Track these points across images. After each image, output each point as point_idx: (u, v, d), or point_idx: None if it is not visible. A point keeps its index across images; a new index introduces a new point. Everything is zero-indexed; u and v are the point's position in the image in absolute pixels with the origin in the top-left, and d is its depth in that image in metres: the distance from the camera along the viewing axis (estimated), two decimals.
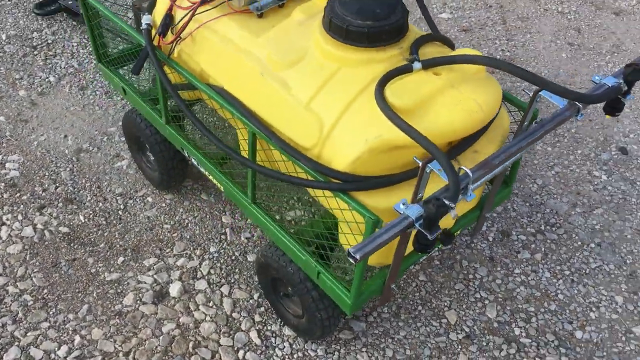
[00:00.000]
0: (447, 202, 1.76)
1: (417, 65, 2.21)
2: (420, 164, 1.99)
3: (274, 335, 2.96)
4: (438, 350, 2.91)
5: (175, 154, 3.30)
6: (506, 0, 5.25)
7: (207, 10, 2.61)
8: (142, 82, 3.38)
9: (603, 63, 4.61)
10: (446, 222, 2.05)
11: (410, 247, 2.06)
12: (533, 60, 4.63)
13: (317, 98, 2.29)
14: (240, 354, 2.87)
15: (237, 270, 3.22)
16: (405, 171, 2.21)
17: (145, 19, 2.75)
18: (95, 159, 3.77)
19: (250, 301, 3.09)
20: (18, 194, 3.53)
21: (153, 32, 2.72)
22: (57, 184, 3.60)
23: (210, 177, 2.92)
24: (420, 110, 2.12)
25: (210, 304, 3.06)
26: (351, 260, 1.71)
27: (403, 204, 1.84)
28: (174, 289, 3.11)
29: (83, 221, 3.41)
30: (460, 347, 2.93)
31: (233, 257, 3.28)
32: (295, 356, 2.88)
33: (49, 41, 4.62)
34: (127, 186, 3.62)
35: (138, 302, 3.06)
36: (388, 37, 2.28)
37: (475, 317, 3.04)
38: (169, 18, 2.71)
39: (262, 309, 3.06)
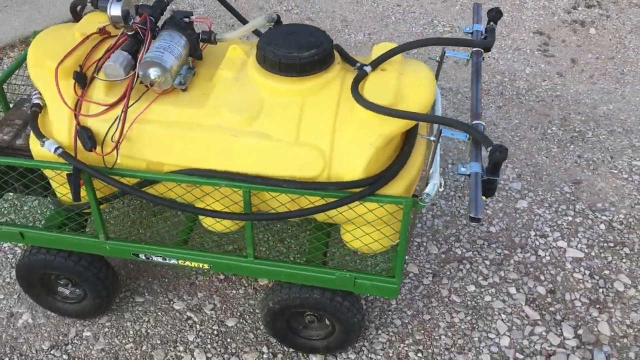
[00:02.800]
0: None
1: (368, 68, 2.53)
2: (432, 138, 2.38)
3: None
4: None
5: (108, 269, 3.04)
6: None
7: (132, 105, 2.50)
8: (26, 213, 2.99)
9: None
10: None
11: None
12: None
13: (301, 132, 2.45)
14: None
15: (228, 339, 3.16)
16: (404, 153, 2.54)
17: (48, 145, 2.49)
18: None
19: (264, 356, 3.10)
20: None
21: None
22: None
23: (187, 264, 2.82)
24: (399, 100, 2.46)
25: None
26: (474, 222, 2.04)
27: (464, 167, 2.21)
28: None
29: None
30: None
31: (215, 332, 3.19)
32: None
33: None
34: (52, 336, 3.17)
35: None
36: (329, 60, 2.54)
37: None
38: (85, 130, 2.51)
39: (280, 356, 3.10)
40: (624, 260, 3.59)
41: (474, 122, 2.35)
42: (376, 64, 2.54)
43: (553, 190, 4.04)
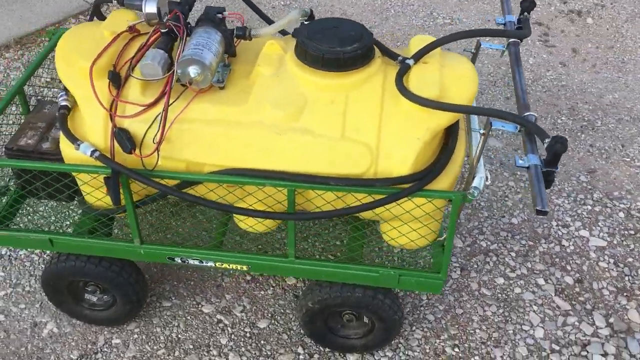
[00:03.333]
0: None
1: (410, 61, 2.49)
2: (482, 131, 2.35)
3: None
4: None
5: (138, 274, 2.96)
6: None
7: (171, 104, 2.42)
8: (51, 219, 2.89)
9: None
10: None
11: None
12: None
13: (346, 127, 2.40)
14: None
15: (261, 341, 3.10)
16: (449, 147, 2.50)
17: (83, 148, 2.39)
18: (14, 343, 3.07)
19: (301, 357, 3.04)
20: None
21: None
22: None
23: (224, 266, 2.75)
24: (443, 92, 2.42)
25: None
26: (541, 215, 2.01)
27: (521, 160, 2.18)
28: None
29: None
30: None
31: (248, 334, 3.13)
32: None
33: None
34: (80, 345, 3.07)
35: None
36: (371, 54, 2.49)
37: None
38: (123, 131, 2.42)
39: (317, 356, 3.05)
40: None
41: (525, 114, 2.33)
42: (418, 57, 2.50)
43: (569, 180, 4.05)
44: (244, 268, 2.75)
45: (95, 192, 2.65)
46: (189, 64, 2.36)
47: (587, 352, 3.10)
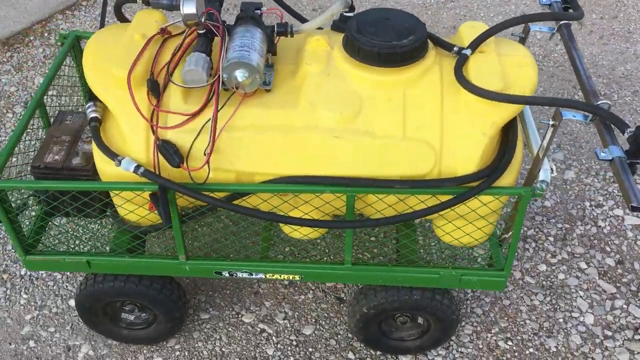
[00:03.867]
0: None
1: (467, 51, 2.35)
2: (552, 122, 2.23)
3: None
4: None
5: (179, 289, 2.80)
6: None
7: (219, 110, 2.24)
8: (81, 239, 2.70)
9: None
10: None
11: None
12: None
13: (407, 126, 2.26)
14: None
15: (309, 349, 2.98)
16: (511, 141, 2.37)
17: (126, 164, 2.21)
18: None
19: None
20: None
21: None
22: None
23: (275, 277, 2.60)
24: (507, 83, 2.29)
25: None
26: (636, 211, 1.90)
27: (603, 152, 2.07)
28: None
29: None
30: None
31: (294, 342, 3.00)
32: None
33: None
34: None
35: None
36: (426, 46, 2.35)
37: None
38: (168, 144, 2.24)
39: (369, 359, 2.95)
40: None
41: (598, 102, 2.21)
42: (475, 46, 2.36)
43: (595, 158, 3.98)
44: (296, 278, 2.61)
45: (132, 208, 2.47)
46: (236, 67, 2.18)
47: None
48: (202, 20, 2.31)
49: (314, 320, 3.10)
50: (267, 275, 2.61)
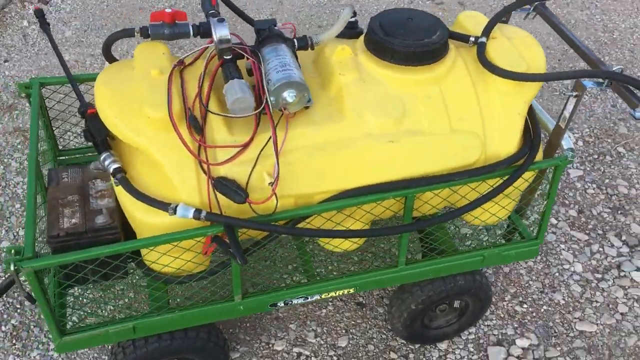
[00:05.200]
0: None
1: (483, 39, 2.44)
2: (575, 93, 2.41)
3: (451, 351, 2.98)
4: None
5: (220, 332, 2.61)
6: None
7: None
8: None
9: None
10: None
11: None
12: None
13: (451, 119, 2.32)
14: None
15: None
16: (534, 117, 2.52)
17: (183, 211, 2.02)
18: None
19: None
20: None
21: None
22: None
23: (330, 295, 2.53)
24: (527, 64, 2.41)
25: None
26: None
27: (637, 112, 2.28)
28: None
29: None
30: None
31: (335, 357, 2.93)
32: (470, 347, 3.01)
33: None
34: None
35: None
36: (448, 43, 2.41)
37: None
38: (227, 180, 2.08)
39: (412, 356, 2.96)
40: None
41: (614, 68, 2.42)
42: (487, 33, 2.46)
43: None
44: (351, 291, 2.56)
45: (163, 259, 2.25)
46: (284, 88, 2.09)
47: (624, 271, 3.40)
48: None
49: (344, 330, 3.05)
50: (323, 296, 2.53)
